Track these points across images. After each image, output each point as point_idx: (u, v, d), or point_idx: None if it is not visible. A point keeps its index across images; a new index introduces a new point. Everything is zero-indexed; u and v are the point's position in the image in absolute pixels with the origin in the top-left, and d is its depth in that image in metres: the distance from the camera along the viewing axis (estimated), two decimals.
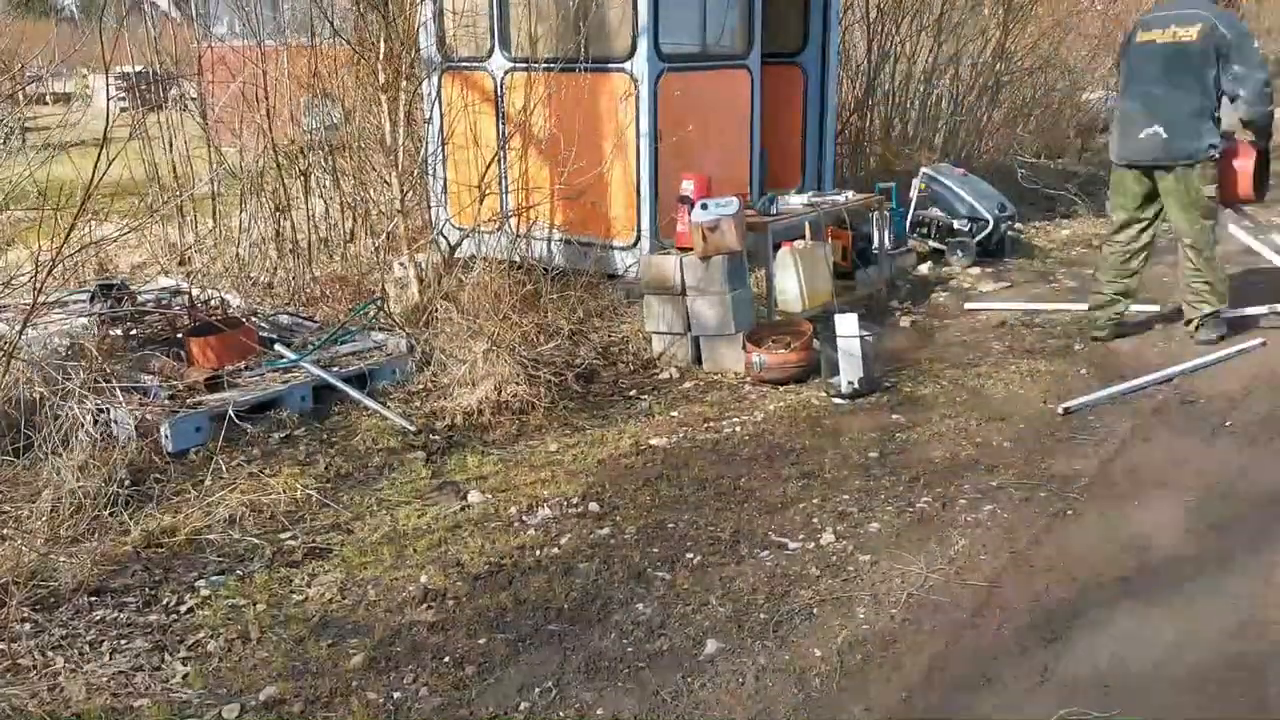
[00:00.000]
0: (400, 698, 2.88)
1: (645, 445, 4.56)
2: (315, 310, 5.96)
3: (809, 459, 4.41)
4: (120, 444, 4.09)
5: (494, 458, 4.43)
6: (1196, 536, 3.72)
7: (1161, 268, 7.77)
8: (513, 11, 6.46)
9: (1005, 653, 3.05)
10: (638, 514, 3.92)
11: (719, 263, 5.40)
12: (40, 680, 2.92)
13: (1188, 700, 2.82)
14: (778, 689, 2.89)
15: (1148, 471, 4.26)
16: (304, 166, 6.74)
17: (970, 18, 10.89)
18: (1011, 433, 4.67)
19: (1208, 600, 3.30)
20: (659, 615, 3.25)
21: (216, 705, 2.85)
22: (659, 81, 6.01)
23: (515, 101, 6.25)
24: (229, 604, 3.33)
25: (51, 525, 3.57)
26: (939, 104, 10.98)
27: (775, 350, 5.32)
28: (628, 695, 2.87)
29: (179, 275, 6.58)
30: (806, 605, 3.29)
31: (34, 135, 6.87)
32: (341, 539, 3.75)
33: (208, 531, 3.73)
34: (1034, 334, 6.13)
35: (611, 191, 6.25)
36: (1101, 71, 12.67)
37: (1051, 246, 8.48)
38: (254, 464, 4.21)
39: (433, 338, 5.27)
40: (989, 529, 3.79)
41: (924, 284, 7.27)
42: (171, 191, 6.84)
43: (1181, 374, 5.30)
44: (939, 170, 8.24)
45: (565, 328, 5.52)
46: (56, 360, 4.41)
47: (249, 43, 6.77)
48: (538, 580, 3.46)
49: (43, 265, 4.02)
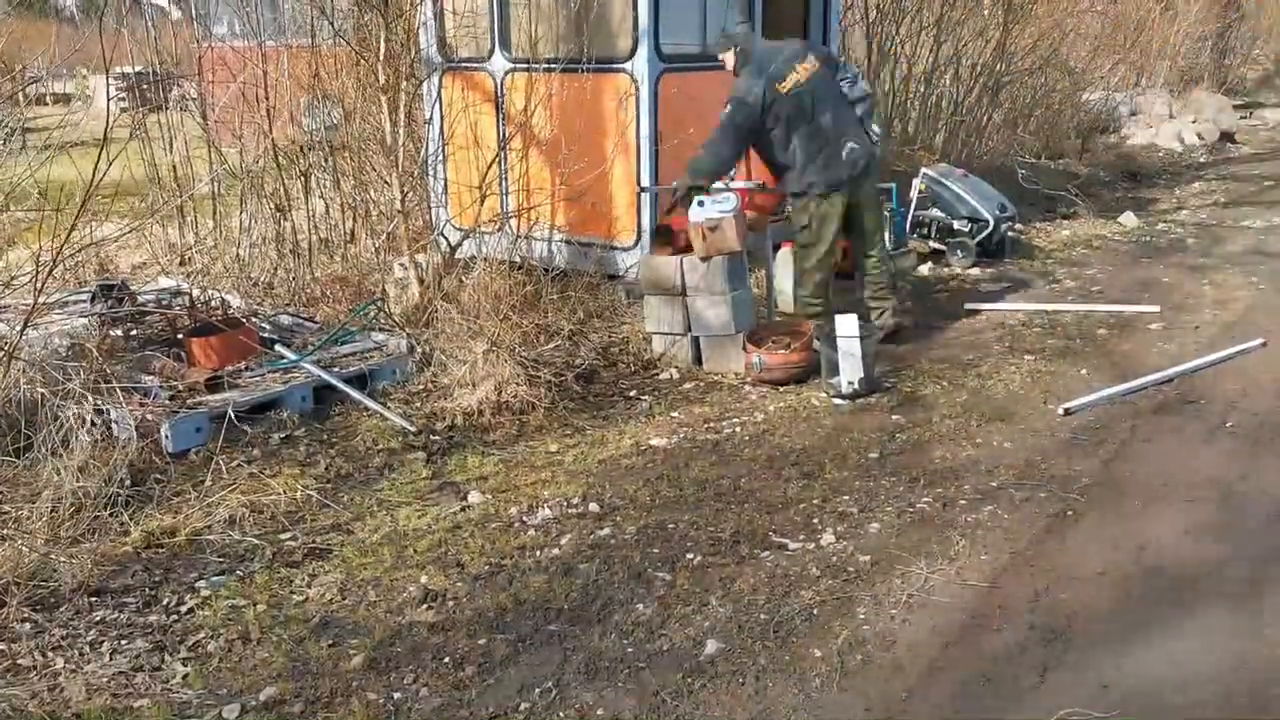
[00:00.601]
0: (400, 698, 2.88)
1: (645, 446, 4.57)
2: (315, 311, 5.96)
3: (809, 459, 4.41)
4: (120, 444, 4.09)
5: (494, 458, 4.43)
6: (1197, 538, 3.72)
7: (1161, 268, 7.79)
8: (513, 12, 6.47)
9: (1005, 653, 3.05)
10: (638, 514, 3.92)
11: (719, 263, 5.40)
12: (40, 680, 2.92)
13: (1187, 700, 2.83)
14: (778, 689, 2.89)
15: (1148, 472, 4.26)
16: (304, 167, 6.74)
17: (970, 18, 10.88)
18: (1011, 433, 4.67)
19: (1207, 602, 3.30)
20: (659, 615, 3.25)
21: (217, 705, 2.85)
22: (659, 82, 6.01)
23: (516, 102, 6.25)
24: (229, 604, 3.33)
25: (51, 526, 3.57)
26: (939, 104, 10.98)
27: (775, 351, 5.32)
28: (628, 696, 2.87)
29: (179, 276, 6.58)
30: (807, 606, 3.29)
31: (34, 136, 6.87)
32: (342, 539, 3.75)
33: (208, 532, 3.73)
34: (1034, 334, 6.13)
35: (612, 192, 6.25)
36: (1102, 72, 12.69)
37: (1052, 247, 8.48)
38: (254, 464, 4.21)
39: (433, 338, 5.27)
40: (989, 529, 3.79)
41: (924, 284, 7.27)
42: (172, 192, 6.85)
43: (1182, 374, 5.31)
44: (939, 171, 8.24)
45: (565, 328, 5.52)
46: (57, 360, 4.42)
47: (249, 43, 6.77)
48: (538, 580, 3.46)
49: (43, 265, 4.03)
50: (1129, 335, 6.08)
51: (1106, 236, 8.94)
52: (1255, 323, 6.20)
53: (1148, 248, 8.53)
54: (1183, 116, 15.21)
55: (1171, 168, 12.81)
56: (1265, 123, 17.52)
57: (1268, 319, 6.27)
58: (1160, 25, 16.51)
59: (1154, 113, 15.27)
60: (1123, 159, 12.50)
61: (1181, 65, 17.40)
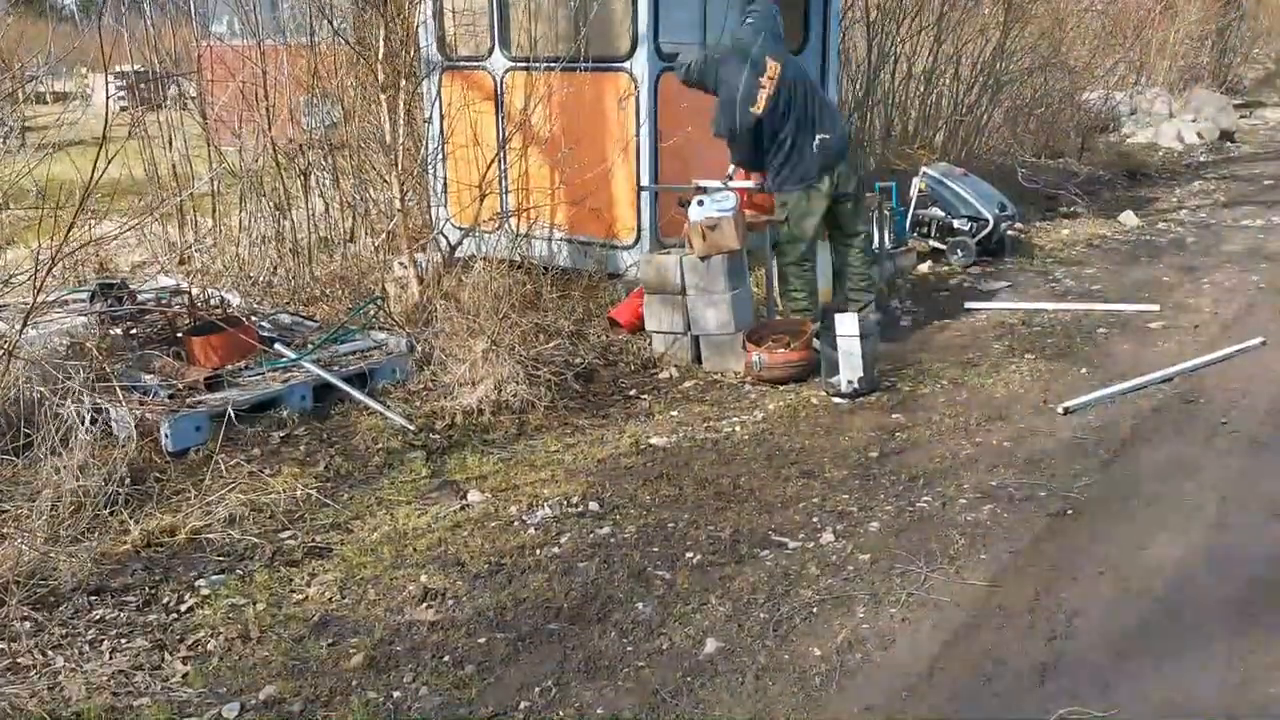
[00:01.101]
0: (400, 697, 2.88)
1: (645, 445, 4.57)
2: (315, 309, 5.96)
3: (809, 458, 4.41)
4: (120, 443, 4.09)
5: (494, 457, 4.43)
6: (1197, 538, 3.72)
7: (1161, 267, 7.80)
8: (513, 11, 6.47)
9: (1005, 653, 3.05)
10: (638, 513, 3.92)
11: (719, 262, 5.40)
12: (40, 679, 2.92)
13: (1187, 701, 2.83)
14: (778, 688, 2.89)
15: (1148, 472, 4.25)
16: (304, 166, 6.74)
17: (970, 18, 10.88)
18: (1011, 432, 4.67)
19: (1208, 602, 3.30)
20: (659, 615, 3.25)
21: (216, 704, 2.85)
22: (659, 81, 6.01)
23: (515, 101, 6.25)
24: (229, 603, 3.33)
25: (51, 524, 3.56)
26: (939, 104, 10.98)
27: (775, 350, 5.32)
28: (628, 695, 2.87)
29: (179, 274, 6.58)
30: (806, 605, 3.29)
31: (33, 134, 6.86)
32: (341, 538, 3.75)
33: (207, 531, 3.73)
34: (1034, 333, 6.13)
35: (612, 191, 6.25)
36: (1102, 70, 12.69)
37: (1052, 246, 8.49)
38: (254, 463, 4.20)
39: (433, 337, 5.27)
40: (989, 529, 3.79)
41: (924, 283, 7.27)
42: (171, 190, 6.84)
43: (1181, 374, 5.31)
44: (939, 170, 8.24)
45: (565, 327, 5.52)
46: (56, 359, 4.41)
47: (248, 42, 6.76)
48: (537, 580, 3.46)
49: (42, 264, 4.02)
50: (1129, 334, 6.08)
51: (1106, 236, 8.94)
52: (1255, 322, 6.21)
53: (1147, 247, 8.53)
54: (1183, 116, 15.22)
55: (1171, 167, 12.81)
56: (1265, 122, 17.53)
57: (1267, 318, 6.28)
58: (1160, 24, 16.51)
59: (1154, 112, 15.28)
60: (1123, 158, 12.50)
61: (1181, 64, 17.40)
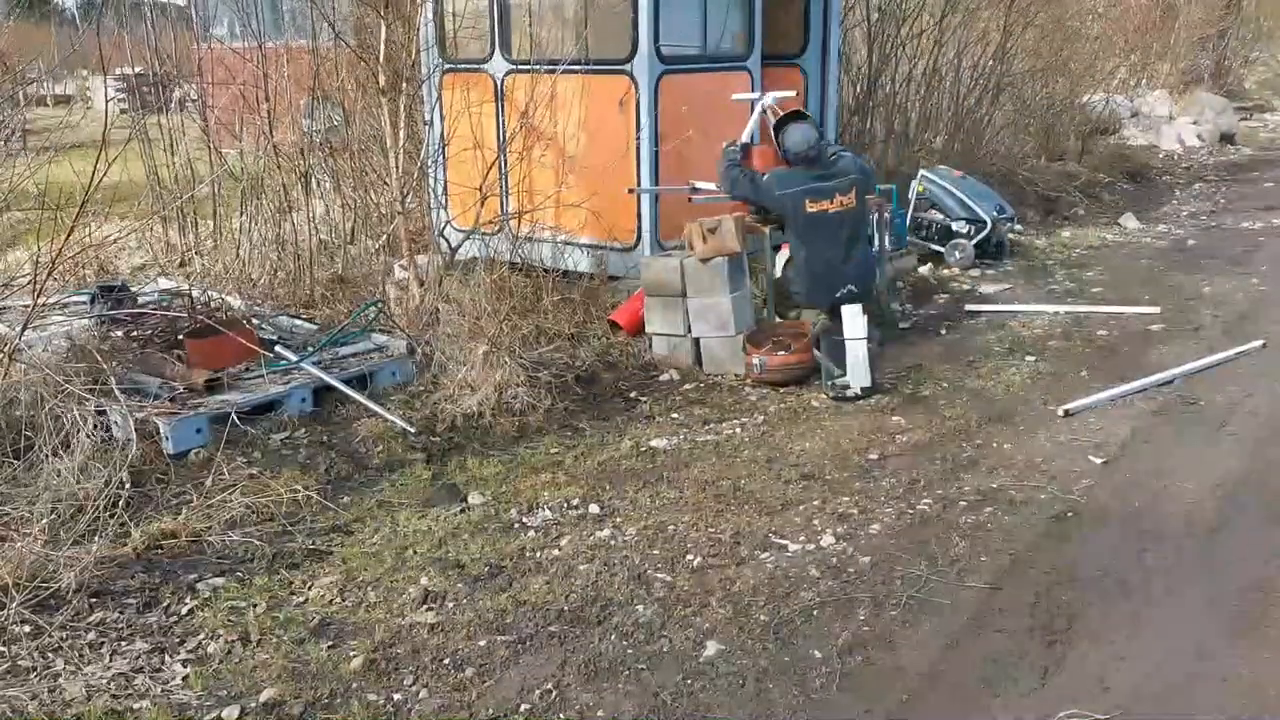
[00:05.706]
0: (400, 699, 2.88)
1: (646, 447, 4.56)
2: (316, 312, 5.96)
3: (809, 461, 4.41)
4: (120, 446, 4.09)
5: (494, 460, 4.42)
6: (1197, 541, 3.72)
7: (1161, 269, 7.79)
8: (513, 13, 6.47)
9: (1005, 655, 3.05)
10: (638, 516, 3.92)
11: (719, 265, 5.40)
12: (40, 682, 2.92)
13: (1187, 703, 2.83)
14: (778, 691, 2.89)
15: (1148, 474, 4.25)
16: (304, 168, 6.74)
17: (970, 20, 10.88)
18: (1011, 434, 4.66)
19: (1206, 605, 3.30)
20: (659, 617, 3.25)
21: (216, 707, 2.84)
22: (659, 83, 6.01)
23: (516, 103, 6.25)
24: (229, 606, 3.33)
25: (52, 527, 3.56)
26: (939, 106, 10.97)
27: (775, 352, 5.32)
28: (628, 697, 2.87)
29: (179, 277, 6.58)
30: (807, 607, 3.29)
31: (34, 137, 6.87)
32: (342, 541, 3.75)
33: (208, 533, 3.73)
34: (1034, 335, 6.13)
35: (612, 193, 6.25)
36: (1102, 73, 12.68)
37: (1052, 248, 8.48)
38: (254, 466, 4.20)
39: (433, 340, 5.26)
40: (989, 531, 3.78)
41: (924, 285, 7.27)
42: (172, 193, 6.85)
43: (1182, 375, 5.30)
44: (937, 172, 8.24)
45: (566, 330, 5.52)
46: (57, 362, 4.41)
47: (249, 44, 6.77)
48: (538, 582, 3.46)
49: (42, 267, 4.03)
50: (1129, 336, 6.08)
51: (1106, 238, 8.94)
52: (1255, 324, 6.20)
53: (1148, 249, 8.53)
54: (1183, 118, 15.22)
55: (1172, 169, 12.81)
56: (1266, 124, 17.51)
57: (1268, 320, 6.27)
58: (1161, 27, 16.50)
59: (1155, 114, 15.27)
60: (1123, 160, 12.49)
61: (1182, 66, 17.39)
